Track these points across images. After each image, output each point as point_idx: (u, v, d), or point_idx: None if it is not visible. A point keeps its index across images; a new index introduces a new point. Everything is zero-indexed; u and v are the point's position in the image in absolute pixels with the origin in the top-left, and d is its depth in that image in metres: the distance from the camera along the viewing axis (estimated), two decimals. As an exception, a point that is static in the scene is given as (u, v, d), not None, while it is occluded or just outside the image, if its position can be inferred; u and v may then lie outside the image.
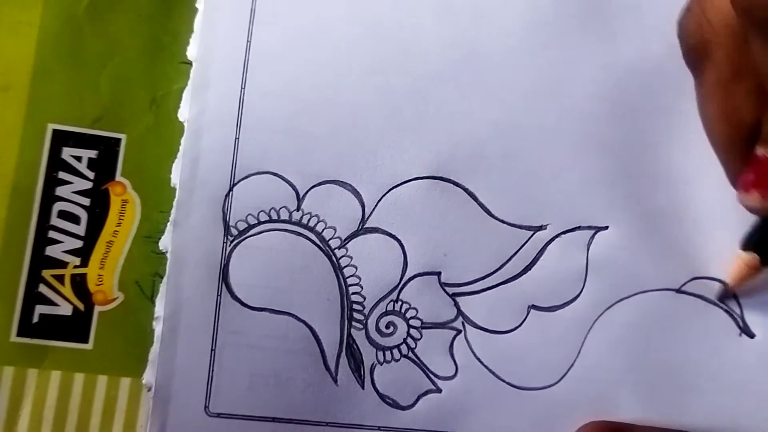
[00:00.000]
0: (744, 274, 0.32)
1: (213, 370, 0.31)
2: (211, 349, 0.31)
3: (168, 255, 0.31)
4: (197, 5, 0.33)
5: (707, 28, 0.29)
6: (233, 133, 0.32)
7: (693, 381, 0.33)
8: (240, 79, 0.33)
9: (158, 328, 0.31)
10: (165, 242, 0.32)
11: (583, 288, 0.33)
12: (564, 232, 0.33)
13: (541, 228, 0.33)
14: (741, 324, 0.33)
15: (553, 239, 0.33)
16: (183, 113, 0.32)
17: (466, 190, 0.33)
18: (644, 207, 0.34)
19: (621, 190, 0.34)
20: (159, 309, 0.31)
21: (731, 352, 0.33)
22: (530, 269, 0.33)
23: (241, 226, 0.32)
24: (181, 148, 0.32)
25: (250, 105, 0.32)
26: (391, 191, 0.33)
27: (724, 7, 0.28)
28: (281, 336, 0.31)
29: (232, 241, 0.32)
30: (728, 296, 0.33)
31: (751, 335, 0.33)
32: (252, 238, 0.32)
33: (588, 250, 0.33)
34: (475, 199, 0.33)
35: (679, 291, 0.33)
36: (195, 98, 0.32)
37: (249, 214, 0.32)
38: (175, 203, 0.32)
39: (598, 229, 0.33)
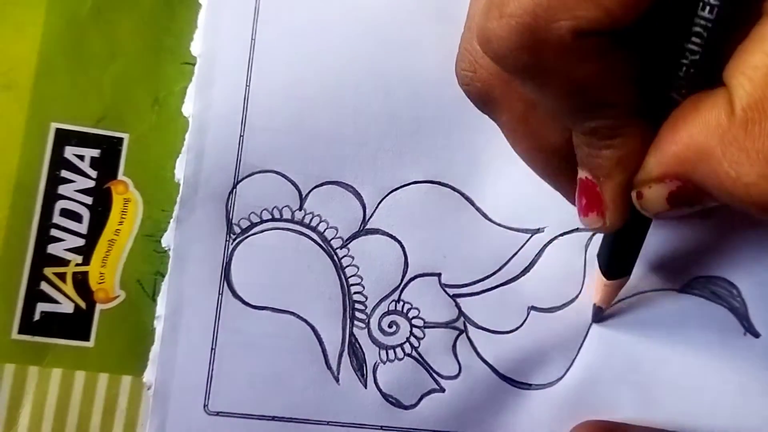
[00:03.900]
0: (602, 290, 0.32)
1: (213, 369, 0.31)
2: (212, 348, 0.31)
3: (170, 252, 0.31)
4: (200, 1, 0.33)
5: (483, 73, 0.28)
6: (238, 131, 0.32)
7: (695, 381, 0.33)
8: (245, 76, 0.33)
9: (159, 326, 0.31)
10: (168, 239, 0.32)
11: (581, 289, 0.33)
12: (561, 234, 0.34)
13: (538, 231, 0.33)
14: (746, 323, 0.33)
15: (551, 241, 0.33)
16: (187, 108, 0.33)
17: (463, 195, 0.33)
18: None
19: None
20: (160, 308, 0.31)
21: (736, 351, 0.33)
22: (529, 271, 0.33)
23: (244, 224, 0.32)
24: (185, 143, 0.32)
25: (254, 103, 0.33)
26: (391, 194, 0.33)
27: None
28: (282, 335, 0.31)
29: (234, 239, 0.32)
30: (599, 315, 0.33)
31: (756, 334, 0.33)
32: (254, 236, 0.32)
33: (586, 251, 0.33)
34: (473, 203, 0.33)
35: (680, 291, 0.33)
36: (199, 94, 0.32)
37: (252, 212, 0.32)
38: (178, 200, 0.32)
39: (596, 230, 0.33)
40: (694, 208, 0.24)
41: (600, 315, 0.33)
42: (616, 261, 0.30)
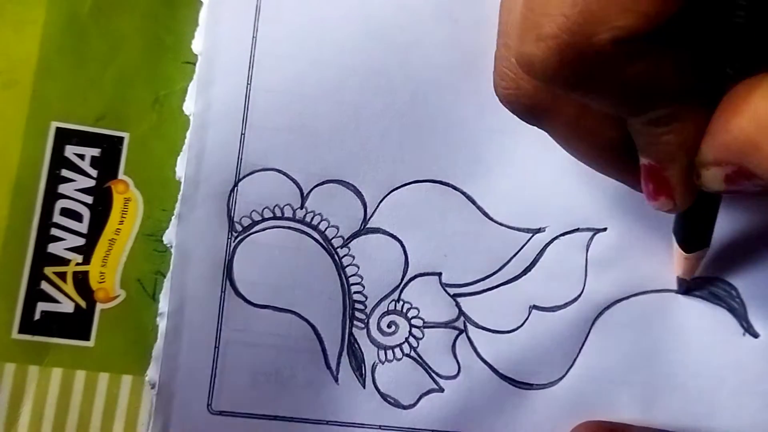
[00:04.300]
0: (683, 263, 0.32)
1: (216, 368, 0.31)
2: (215, 346, 0.31)
3: (172, 249, 0.31)
4: (201, -1, 0.34)
5: (527, 87, 0.27)
6: (239, 129, 0.32)
7: (695, 381, 0.33)
8: (246, 74, 0.33)
9: (162, 324, 0.31)
10: (169, 236, 0.32)
11: (583, 289, 0.33)
12: (563, 234, 0.34)
13: (539, 230, 0.33)
14: (745, 324, 0.33)
15: (552, 241, 0.33)
16: (188, 107, 0.33)
17: (464, 194, 0.33)
18: (643, 208, 0.34)
19: (619, 192, 0.34)
20: (163, 305, 0.31)
21: (735, 351, 0.33)
22: (530, 270, 0.33)
23: (246, 222, 0.32)
24: (186, 142, 0.32)
25: (255, 101, 0.33)
26: (392, 193, 0.33)
27: None
28: (284, 334, 0.31)
29: (236, 237, 0.32)
30: (686, 286, 0.33)
31: (755, 335, 0.33)
32: (256, 234, 0.32)
33: (587, 251, 0.33)
34: (474, 202, 0.33)
35: (679, 292, 0.33)
36: (200, 93, 0.32)
37: (253, 211, 0.32)
38: (179, 197, 0.32)
39: (597, 230, 0.34)
40: (755, 187, 0.24)
41: (685, 286, 0.33)
42: (692, 235, 0.31)
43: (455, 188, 0.33)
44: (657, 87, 0.23)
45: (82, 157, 0.32)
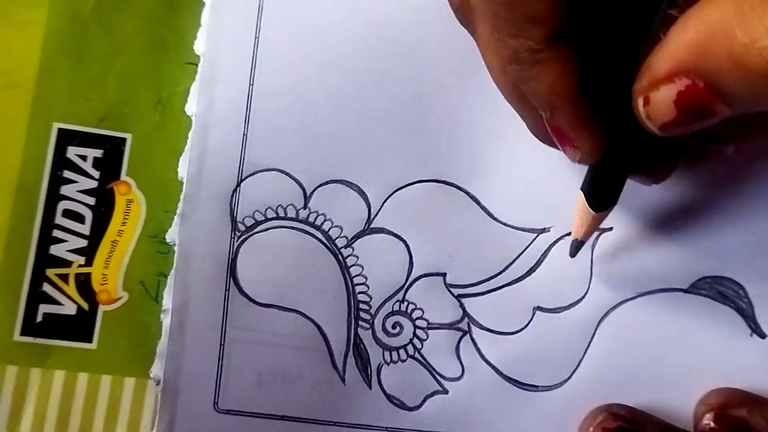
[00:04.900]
0: (587, 223, 0.31)
1: (222, 366, 0.31)
2: (220, 345, 0.31)
3: (175, 248, 0.31)
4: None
5: None
6: (241, 129, 0.32)
7: (702, 382, 0.32)
8: (248, 75, 0.33)
9: (166, 321, 0.31)
10: (172, 235, 0.31)
11: (588, 289, 0.33)
12: (567, 234, 0.33)
13: (544, 230, 0.33)
14: (752, 324, 0.33)
15: (556, 241, 0.33)
16: (191, 107, 0.32)
17: (468, 193, 0.33)
18: (649, 207, 0.34)
19: (624, 192, 0.34)
20: (167, 302, 0.31)
21: (742, 352, 0.33)
22: (535, 271, 0.33)
23: (248, 222, 0.32)
24: (188, 142, 0.32)
25: (258, 102, 0.33)
26: (396, 193, 0.33)
27: None
28: (289, 333, 0.31)
29: (239, 237, 0.32)
30: (578, 249, 0.32)
31: (763, 335, 0.33)
32: (259, 234, 0.32)
33: (592, 251, 0.33)
34: (478, 202, 0.33)
35: (686, 291, 0.33)
36: (203, 93, 0.32)
37: (256, 211, 0.32)
38: (182, 197, 0.32)
39: (602, 230, 0.33)
40: (703, 121, 0.23)
41: (579, 250, 0.32)
42: (601, 192, 0.30)
43: (459, 188, 0.33)
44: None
45: (84, 158, 0.32)
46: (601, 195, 0.30)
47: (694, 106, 0.23)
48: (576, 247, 0.32)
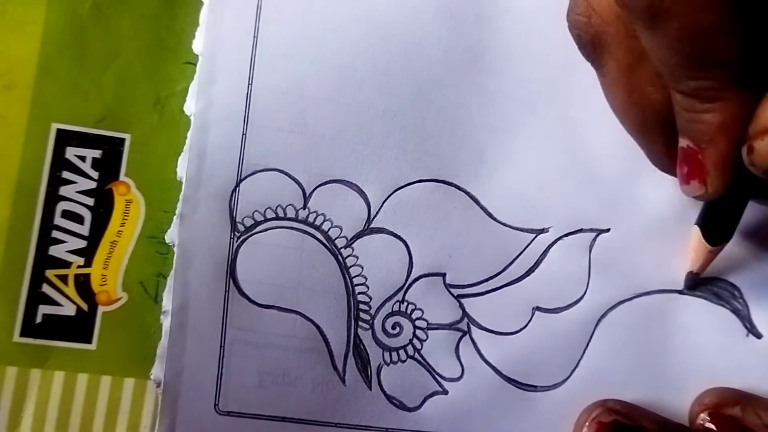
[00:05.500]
0: (702, 257, 0.32)
1: (222, 367, 0.31)
2: (221, 346, 0.31)
3: (175, 249, 0.31)
4: (202, -1, 0.33)
5: (597, 20, 0.29)
6: (240, 129, 0.32)
7: (699, 382, 0.33)
8: (247, 74, 0.33)
9: (166, 322, 0.31)
10: (171, 235, 0.31)
11: (586, 290, 0.33)
12: (566, 235, 0.34)
13: (543, 231, 0.33)
14: (748, 324, 0.33)
15: (555, 242, 0.33)
16: (189, 107, 0.32)
17: (468, 193, 0.33)
18: (646, 209, 0.34)
19: (622, 193, 0.34)
20: (167, 303, 0.31)
21: (738, 352, 0.33)
22: (533, 271, 0.33)
23: (248, 222, 0.32)
24: (187, 142, 0.32)
25: (257, 101, 0.32)
26: (396, 192, 0.33)
27: None
28: (289, 334, 0.31)
29: (239, 237, 0.32)
30: (694, 282, 0.33)
31: (759, 336, 0.33)
32: (259, 234, 0.32)
33: (590, 252, 0.33)
34: (477, 202, 0.33)
35: (682, 292, 0.33)
36: (201, 92, 0.32)
37: (255, 211, 0.32)
38: (181, 197, 0.31)
39: (600, 231, 0.34)
40: None
41: (695, 282, 0.33)
42: (718, 227, 0.31)
43: (459, 188, 0.33)
44: (715, 47, 0.24)
45: (83, 158, 0.32)
46: (716, 230, 0.31)
47: None
48: (691, 280, 0.33)
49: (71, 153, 0.32)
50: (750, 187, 0.29)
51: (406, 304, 0.32)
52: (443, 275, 0.33)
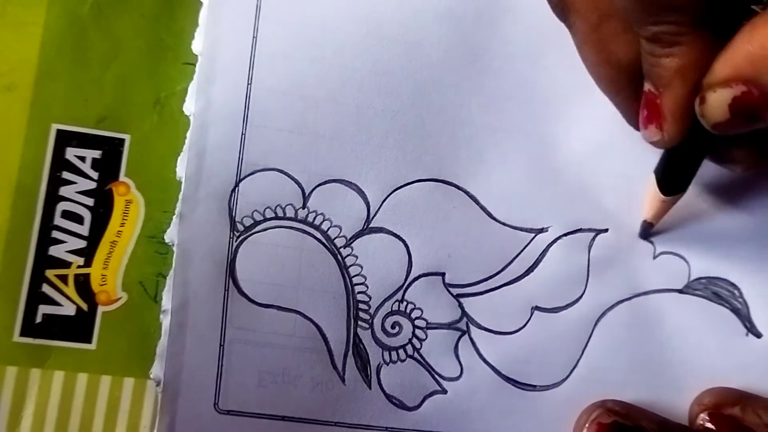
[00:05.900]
0: (656, 206, 0.33)
1: (222, 366, 0.31)
2: (220, 345, 0.31)
3: (174, 248, 0.31)
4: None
5: None
6: (239, 129, 0.32)
7: (699, 382, 0.33)
8: (246, 74, 0.33)
9: (165, 321, 0.31)
10: (171, 235, 0.31)
11: (585, 289, 0.33)
12: (565, 235, 0.34)
13: (542, 230, 0.33)
14: (748, 324, 0.33)
15: (554, 241, 0.33)
16: (189, 107, 0.32)
17: (467, 193, 0.33)
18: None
19: (620, 193, 0.34)
20: (166, 302, 0.31)
21: (738, 352, 0.33)
22: (533, 271, 0.33)
23: (247, 221, 0.32)
24: (186, 141, 0.32)
25: (256, 101, 0.32)
26: (395, 192, 0.33)
27: None
28: (289, 333, 0.31)
29: (238, 237, 0.32)
30: (648, 232, 0.34)
31: (758, 335, 0.33)
32: (258, 234, 0.32)
33: (589, 252, 0.33)
34: (477, 202, 0.33)
35: (682, 291, 0.33)
36: (201, 92, 0.32)
37: (255, 210, 0.32)
38: (180, 197, 0.32)
39: (599, 231, 0.34)
40: (753, 124, 0.25)
41: (648, 232, 0.33)
42: (673, 177, 0.31)
43: (458, 188, 0.33)
44: None
45: (83, 159, 0.32)
46: (672, 180, 0.31)
47: (747, 110, 0.25)
48: (645, 229, 0.33)
49: (71, 153, 0.32)
50: (706, 142, 0.29)
51: (405, 303, 0.32)
52: (442, 275, 0.33)
